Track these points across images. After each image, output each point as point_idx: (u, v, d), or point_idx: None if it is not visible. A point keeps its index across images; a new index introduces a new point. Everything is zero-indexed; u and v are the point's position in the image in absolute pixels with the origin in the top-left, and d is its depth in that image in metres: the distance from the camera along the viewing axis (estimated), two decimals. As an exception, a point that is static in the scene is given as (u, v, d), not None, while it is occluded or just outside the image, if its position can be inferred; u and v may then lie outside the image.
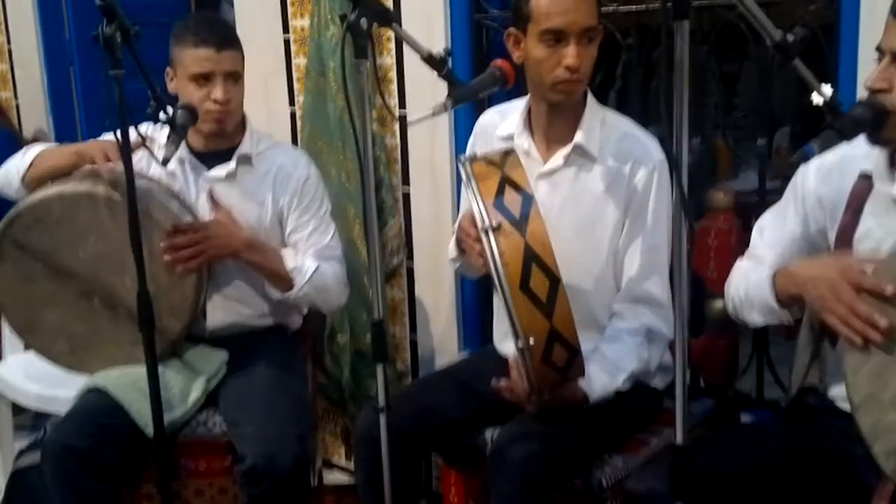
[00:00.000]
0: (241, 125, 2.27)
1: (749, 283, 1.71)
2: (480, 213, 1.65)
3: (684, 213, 1.23)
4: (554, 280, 1.62)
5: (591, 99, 1.97)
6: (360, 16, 1.61)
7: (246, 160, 2.25)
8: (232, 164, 2.23)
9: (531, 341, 1.62)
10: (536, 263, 1.61)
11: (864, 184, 1.58)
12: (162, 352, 2.02)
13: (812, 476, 1.63)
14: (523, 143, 1.99)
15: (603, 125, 1.95)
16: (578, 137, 1.92)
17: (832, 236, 1.63)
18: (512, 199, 1.67)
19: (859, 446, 1.46)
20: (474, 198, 1.68)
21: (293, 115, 2.94)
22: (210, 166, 2.24)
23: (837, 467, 1.62)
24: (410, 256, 2.78)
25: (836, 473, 1.62)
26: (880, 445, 1.40)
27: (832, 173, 1.64)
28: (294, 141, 2.91)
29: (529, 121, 2.01)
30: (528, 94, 2.00)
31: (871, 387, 1.41)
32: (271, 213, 2.26)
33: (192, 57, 2.11)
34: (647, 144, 1.93)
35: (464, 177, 1.76)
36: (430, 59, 1.73)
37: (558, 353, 1.65)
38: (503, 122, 2.06)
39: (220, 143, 2.24)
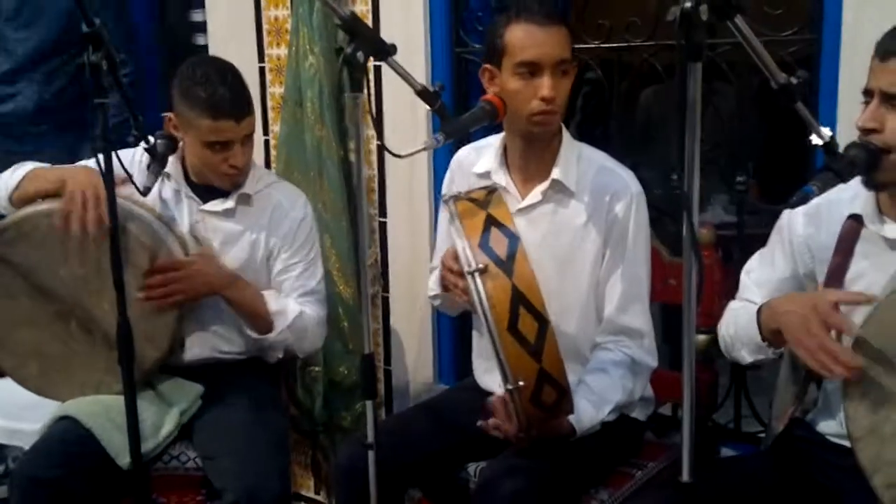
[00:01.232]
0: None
1: (738, 321, 1.74)
2: (466, 255, 1.64)
3: (695, 253, 1.23)
4: (542, 321, 1.61)
5: (566, 134, 1.99)
6: (356, 49, 1.60)
7: (245, 198, 2.21)
8: (230, 202, 2.19)
9: (520, 383, 1.61)
10: (524, 305, 1.61)
11: (854, 225, 1.61)
12: (135, 381, 1.96)
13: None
14: (500, 179, 1.99)
15: (579, 159, 1.97)
16: (555, 173, 1.94)
17: (821, 279, 1.66)
18: (497, 240, 1.66)
19: (851, 479, 1.49)
20: (460, 239, 1.67)
21: (267, 144, 2.92)
22: (206, 199, 2.19)
23: (826, 499, 1.65)
24: (386, 287, 2.76)
25: (823, 504, 1.65)
26: (880, 478, 1.43)
27: (820, 216, 1.68)
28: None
29: (505, 157, 2.01)
30: (503, 132, 2.01)
31: (871, 421, 1.44)
32: (262, 252, 2.22)
33: (207, 126, 2.03)
34: (624, 177, 1.96)
35: (448, 216, 1.75)
36: (423, 93, 1.73)
37: (547, 394, 1.65)
38: (479, 160, 2.07)
39: None
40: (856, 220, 1.61)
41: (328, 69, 2.56)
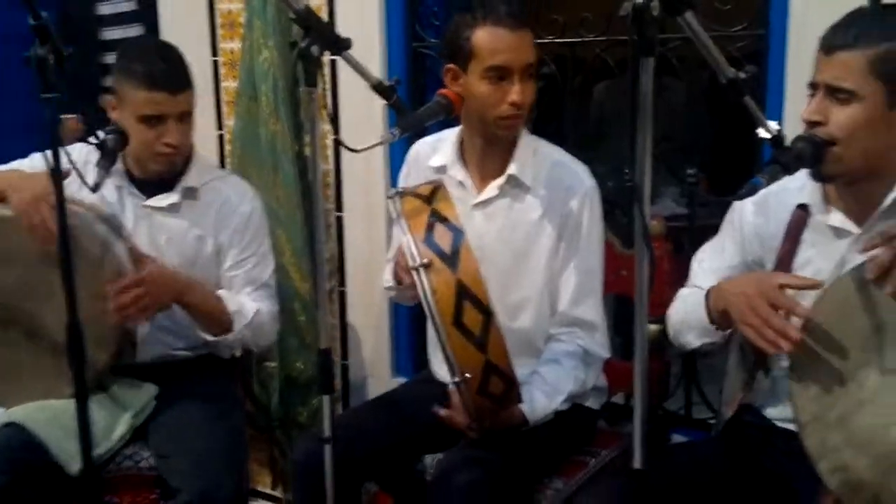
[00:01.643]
0: (189, 153, 2.20)
1: (687, 305, 1.78)
2: (411, 250, 1.66)
3: (647, 246, 1.26)
4: (487, 313, 1.64)
5: (523, 130, 2.00)
6: (311, 43, 1.60)
7: (190, 192, 2.18)
8: (175, 197, 2.16)
9: (467, 375, 1.63)
10: (468, 298, 1.63)
11: (801, 215, 1.66)
12: (87, 385, 1.93)
13: (750, 493, 1.70)
14: (457, 174, 2.01)
15: (535, 155, 1.99)
16: (512, 168, 1.96)
17: (770, 266, 1.70)
18: (442, 235, 1.68)
19: (799, 463, 1.52)
20: (405, 235, 1.69)
21: (221, 139, 2.89)
22: (150, 194, 2.16)
23: (775, 484, 1.69)
24: (342, 281, 2.76)
25: (773, 490, 1.69)
26: (826, 463, 1.47)
27: (769, 206, 1.72)
28: (222, 165, 2.86)
29: (462, 152, 2.03)
30: (460, 126, 2.02)
31: (817, 407, 1.48)
32: (210, 248, 2.19)
33: (143, 98, 2.01)
34: (578, 172, 1.99)
35: (393, 213, 1.76)
36: (378, 87, 1.73)
37: (495, 385, 1.68)
38: (435, 153, 2.08)
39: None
40: (803, 210, 1.65)
41: (283, 63, 2.55)
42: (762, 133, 1.41)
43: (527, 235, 1.98)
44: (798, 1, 1.93)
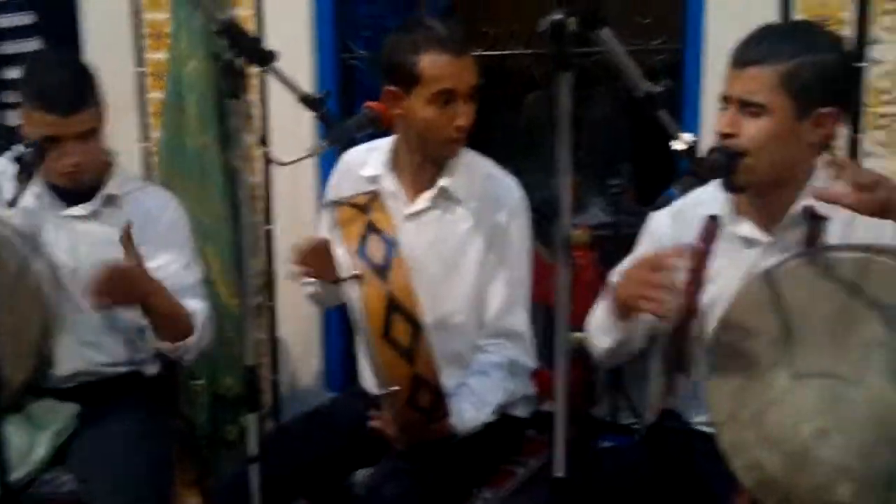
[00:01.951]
0: (107, 164, 2.15)
1: (597, 311, 1.81)
2: (343, 261, 1.66)
3: (566, 255, 1.28)
4: (416, 326, 1.64)
5: None
6: (235, 55, 1.59)
7: (111, 200, 2.13)
8: (95, 204, 2.11)
9: (395, 388, 1.64)
10: (398, 311, 1.63)
11: (712, 225, 1.70)
12: (2, 406, 1.84)
13: (672, 495, 1.74)
14: (389, 184, 2.01)
15: (467, 168, 2.00)
16: (443, 181, 1.97)
17: (684, 273, 1.74)
18: (375, 246, 1.68)
19: (715, 463, 1.56)
20: (338, 246, 1.69)
21: (146, 151, 2.85)
22: (70, 203, 2.11)
23: (695, 485, 1.73)
24: (272, 296, 2.74)
25: (693, 491, 1.73)
26: (740, 462, 1.51)
27: (684, 217, 1.76)
28: (148, 177, 2.82)
29: (395, 162, 2.04)
30: (394, 135, 2.03)
31: (731, 407, 1.52)
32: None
33: (38, 119, 1.94)
34: (508, 185, 2.01)
35: (328, 222, 1.76)
36: (306, 100, 1.73)
37: (423, 397, 1.68)
38: (367, 163, 2.08)
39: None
40: (714, 221, 1.70)
41: (210, 74, 2.53)
42: (677, 145, 1.44)
43: (457, 247, 1.99)
44: (712, 17, 1.99)
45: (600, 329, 1.77)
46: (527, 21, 2.35)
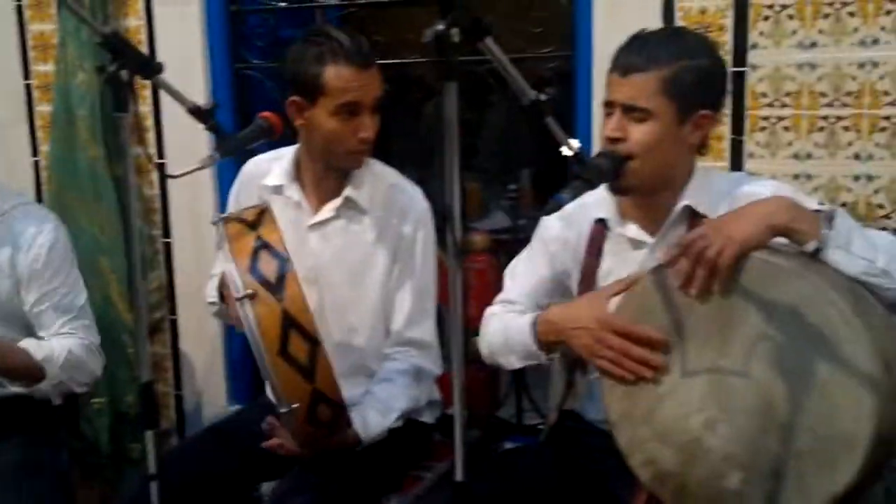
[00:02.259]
0: None
1: (509, 329, 1.80)
2: (235, 280, 1.63)
3: (457, 262, 1.30)
4: (313, 342, 1.62)
5: None
6: (120, 67, 1.55)
7: None
8: None
9: (294, 405, 1.62)
10: (294, 328, 1.61)
11: (600, 228, 1.75)
12: None
13: (574, 494, 1.77)
14: (293, 194, 2.00)
15: (372, 177, 2.00)
16: (348, 191, 1.96)
17: (576, 276, 1.79)
18: (267, 263, 1.65)
19: (613, 461, 1.60)
20: (229, 263, 1.66)
21: (36, 166, 2.76)
22: None
23: (595, 483, 1.77)
24: (173, 310, 2.69)
25: (594, 489, 1.77)
26: (636, 457, 1.54)
27: (573, 220, 1.80)
28: (38, 192, 2.73)
29: (298, 172, 2.03)
30: (297, 145, 2.02)
31: (625, 405, 1.55)
32: (9, 283, 2.05)
33: None
34: (412, 194, 2.01)
35: (217, 239, 1.73)
36: (195, 111, 1.70)
37: (323, 412, 1.67)
38: (270, 172, 2.06)
39: None
40: (601, 224, 1.75)
41: (101, 86, 2.46)
42: (565, 151, 1.47)
43: (362, 257, 1.99)
44: (600, 25, 2.04)
45: (514, 353, 1.78)
46: (419, 30, 2.37)
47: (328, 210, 1.98)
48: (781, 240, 1.54)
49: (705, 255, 1.41)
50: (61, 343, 2.05)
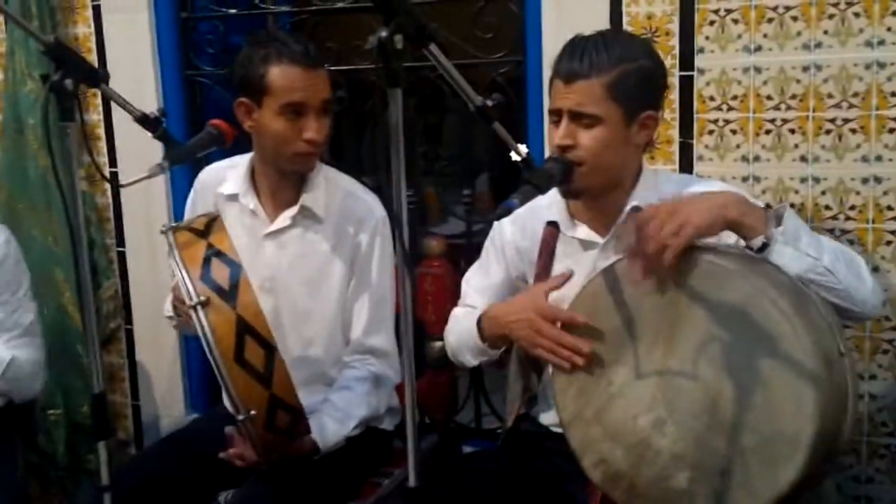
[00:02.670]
0: None
1: (461, 329, 1.84)
2: (187, 287, 1.62)
3: (408, 268, 1.30)
4: (269, 348, 1.61)
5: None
6: (64, 76, 1.54)
7: None
8: None
9: (252, 412, 1.61)
10: (250, 334, 1.60)
11: (552, 231, 1.77)
12: None
13: (530, 497, 1.78)
14: (249, 202, 1.99)
15: (327, 185, 2.00)
16: (305, 199, 1.96)
17: (531, 279, 1.80)
18: (219, 269, 1.64)
19: (569, 463, 1.61)
20: (179, 271, 1.64)
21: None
22: None
23: (551, 486, 1.78)
24: (129, 320, 2.66)
25: (550, 492, 1.78)
26: (588, 458, 1.55)
27: (525, 224, 1.82)
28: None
29: (254, 180, 2.02)
30: (252, 153, 2.01)
31: (577, 406, 1.57)
32: None
33: None
34: (369, 202, 2.00)
35: (168, 246, 1.71)
36: (143, 120, 1.69)
37: (281, 418, 1.66)
38: (226, 181, 2.05)
39: None
40: (553, 226, 1.76)
41: (46, 94, 2.43)
42: (513, 156, 1.47)
43: (319, 266, 1.98)
44: (549, 30, 2.06)
45: (469, 351, 1.80)
46: (368, 35, 2.37)
47: (284, 218, 1.97)
48: (727, 239, 1.57)
49: (662, 232, 1.40)
50: (5, 351, 2.03)
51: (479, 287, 1.89)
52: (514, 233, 1.84)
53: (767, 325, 1.37)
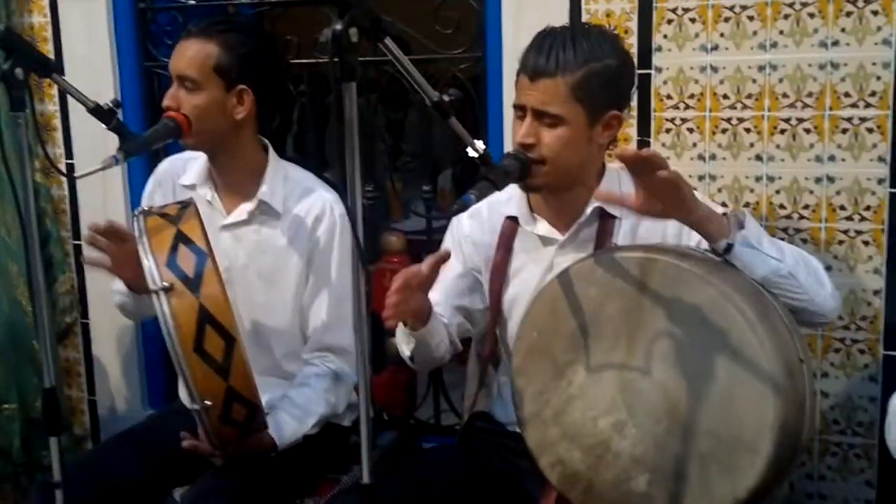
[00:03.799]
0: None
1: None
2: (152, 272, 1.60)
3: (361, 263, 1.30)
4: (229, 339, 1.60)
5: (272, 154, 2.00)
6: (14, 65, 1.52)
7: None
8: None
9: (207, 403, 1.60)
10: (211, 324, 1.59)
11: (511, 225, 1.77)
12: None
13: (485, 494, 1.78)
14: (206, 193, 1.98)
15: (286, 180, 1.99)
16: (262, 194, 1.94)
17: (486, 273, 1.81)
18: (185, 257, 1.63)
19: (525, 461, 1.61)
20: (145, 255, 1.63)
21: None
22: None
23: (507, 483, 1.78)
24: (85, 314, 2.63)
25: (505, 489, 1.78)
26: (545, 459, 1.56)
27: (483, 218, 1.82)
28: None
29: (210, 171, 2.00)
30: None
31: (535, 406, 1.57)
32: None
33: None
34: (328, 199, 1.98)
35: (136, 231, 1.69)
36: (97, 111, 1.67)
37: (237, 411, 1.65)
38: (186, 171, 2.04)
39: None
40: (512, 221, 1.77)
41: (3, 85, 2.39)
42: (470, 152, 1.47)
43: (275, 261, 1.97)
44: (509, 27, 2.06)
45: (399, 338, 1.79)
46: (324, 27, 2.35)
47: (241, 212, 1.96)
48: (690, 242, 1.59)
49: (660, 164, 1.38)
50: None
51: (438, 280, 1.89)
52: (471, 227, 1.84)
53: (731, 332, 1.38)
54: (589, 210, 1.69)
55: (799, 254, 1.55)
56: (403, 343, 1.76)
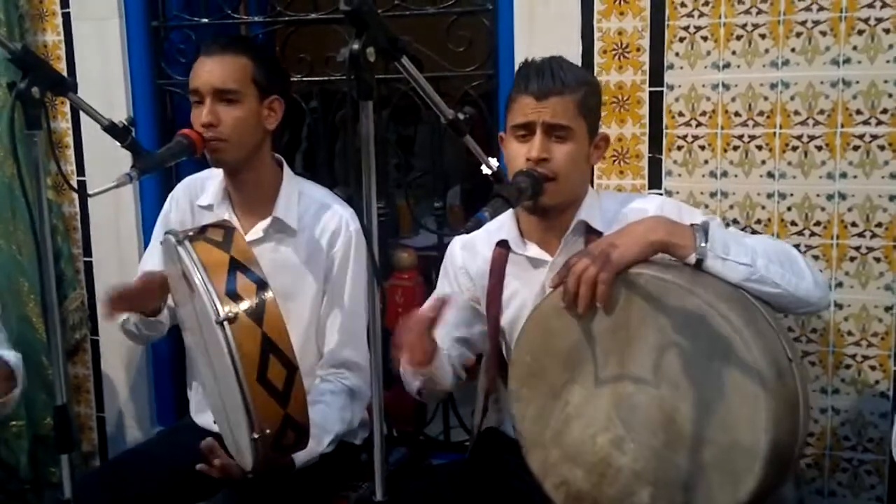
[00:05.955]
0: None
1: None
2: (214, 303, 1.56)
3: (377, 281, 1.30)
4: (291, 368, 1.58)
5: (287, 170, 2.01)
6: (31, 84, 1.52)
7: None
8: None
9: (267, 431, 1.57)
10: (274, 353, 1.57)
11: (502, 251, 1.78)
12: None
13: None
14: (223, 213, 1.98)
15: (300, 197, 1.99)
16: (277, 211, 1.95)
17: (483, 300, 1.82)
18: (245, 286, 1.59)
19: (534, 478, 1.61)
20: (203, 286, 1.58)
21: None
22: None
23: (517, 499, 1.77)
24: (95, 330, 2.63)
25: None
26: (550, 480, 1.56)
27: (475, 245, 1.84)
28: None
29: (227, 191, 2.01)
30: None
31: (535, 430, 1.57)
32: None
33: None
34: (343, 215, 1.99)
35: (185, 258, 1.63)
36: (111, 129, 1.68)
37: (288, 437, 1.62)
38: (204, 191, 2.04)
39: None
40: (503, 246, 1.78)
41: (12, 102, 2.40)
42: (484, 170, 1.48)
43: (292, 279, 1.97)
44: (521, 46, 2.07)
45: (407, 372, 1.79)
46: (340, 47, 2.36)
47: (257, 230, 1.97)
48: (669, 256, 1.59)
49: (585, 275, 1.47)
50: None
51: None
52: (464, 258, 1.86)
53: (718, 338, 1.39)
54: (573, 225, 1.71)
55: (774, 249, 1.55)
56: (411, 379, 1.77)
